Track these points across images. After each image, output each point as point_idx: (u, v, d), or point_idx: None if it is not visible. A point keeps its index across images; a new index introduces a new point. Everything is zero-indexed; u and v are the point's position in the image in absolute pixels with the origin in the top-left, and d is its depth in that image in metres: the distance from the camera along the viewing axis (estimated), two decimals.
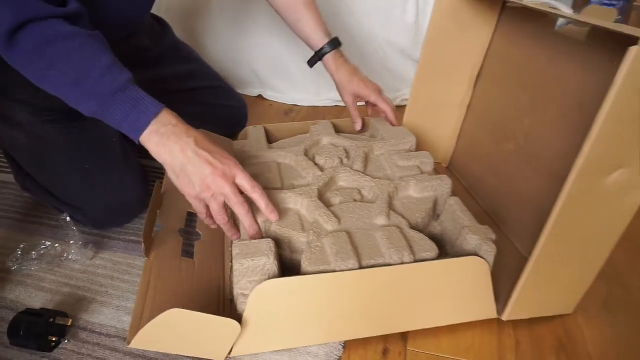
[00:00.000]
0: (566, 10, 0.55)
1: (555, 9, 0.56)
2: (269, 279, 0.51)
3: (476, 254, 0.54)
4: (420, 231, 0.58)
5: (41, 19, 0.49)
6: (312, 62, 0.81)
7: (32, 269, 0.63)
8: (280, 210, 0.57)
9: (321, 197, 0.62)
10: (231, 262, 0.54)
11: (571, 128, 0.59)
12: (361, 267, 0.51)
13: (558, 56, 0.62)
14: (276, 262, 0.52)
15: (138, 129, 0.50)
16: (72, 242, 0.65)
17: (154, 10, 0.96)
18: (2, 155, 0.79)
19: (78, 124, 0.68)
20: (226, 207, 0.53)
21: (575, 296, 0.59)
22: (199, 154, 0.50)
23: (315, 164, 0.69)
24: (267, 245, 0.53)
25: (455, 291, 0.55)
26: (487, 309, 0.57)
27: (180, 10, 1.19)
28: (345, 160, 0.70)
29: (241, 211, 0.51)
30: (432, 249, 0.54)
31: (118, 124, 0.51)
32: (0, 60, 0.51)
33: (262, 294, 0.49)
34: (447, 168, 0.92)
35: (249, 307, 0.50)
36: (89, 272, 0.63)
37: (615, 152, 0.45)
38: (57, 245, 0.65)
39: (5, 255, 0.64)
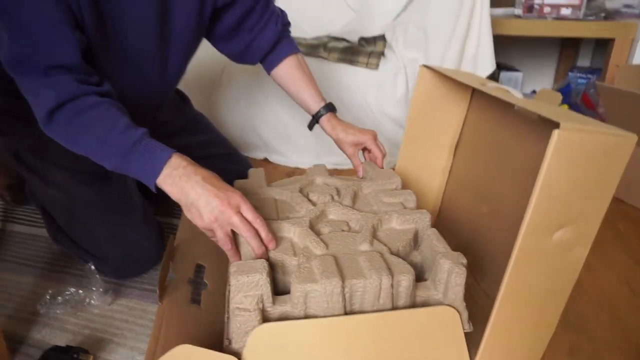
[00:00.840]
0: (516, 94, 0.67)
1: (509, 93, 0.68)
2: (261, 294, 0.56)
3: (448, 277, 0.59)
4: (402, 258, 0.62)
5: (79, 96, 0.60)
6: (310, 125, 0.91)
7: (58, 312, 0.71)
8: (277, 239, 0.64)
9: (312, 227, 0.68)
10: (228, 285, 0.60)
11: (529, 193, 0.69)
12: (343, 286, 0.55)
13: (517, 131, 0.73)
14: (269, 279, 0.57)
15: (154, 175, 0.59)
16: (93, 288, 0.73)
17: (182, 83, 1.11)
18: (37, 211, 0.89)
19: (106, 185, 0.78)
20: (231, 235, 0.60)
21: (540, 345, 0.65)
22: (206, 189, 0.57)
23: (309, 200, 0.75)
24: (261, 264, 0.58)
25: (427, 340, 0.60)
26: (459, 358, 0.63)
27: (196, 82, 1.34)
28: (336, 197, 0.76)
29: (249, 235, 0.57)
30: (409, 272, 0.58)
31: (137, 173, 0.60)
32: (41, 130, 0.62)
33: (259, 335, 0.56)
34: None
35: (248, 347, 0.56)
36: (107, 316, 0.71)
37: (555, 214, 0.54)
38: (80, 291, 0.73)
39: (35, 300, 0.72)
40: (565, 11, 1.37)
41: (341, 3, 1.63)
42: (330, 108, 0.88)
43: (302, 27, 1.60)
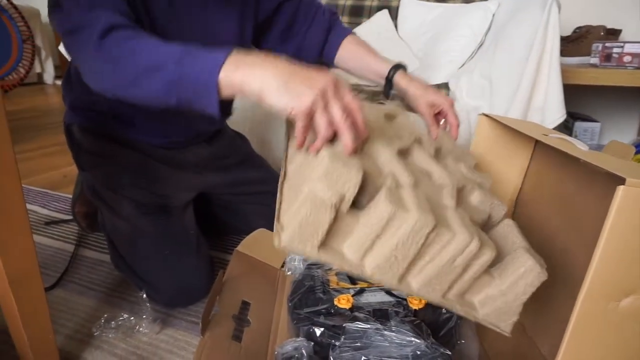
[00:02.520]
0: (580, 147, 0.63)
1: (572, 145, 0.64)
2: (345, 194, 0.46)
3: (524, 274, 0.52)
4: None
5: (125, 26, 0.57)
6: (386, 91, 0.87)
7: (110, 336, 0.74)
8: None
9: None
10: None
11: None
12: (434, 227, 0.46)
13: (583, 185, 0.68)
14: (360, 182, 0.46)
15: (215, 71, 0.49)
16: (144, 316, 0.76)
17: (239, 126, 1.17)
18: (104, 238, 0.96)
19: (165, 218, 0.83)
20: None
21: None
22: (296, 64, 0.49)
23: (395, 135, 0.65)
24: (359, 163, 0.47)
25: None
26: None
27: (262, 129, 1.41)
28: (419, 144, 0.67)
29: (346, 123, 0.49)
30: (493, 248, 0.50)
31: (195, 79, 0.51)
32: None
33: None
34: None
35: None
36: (153, 344, 0.73)
37: (620, 277, 0.49)
38: (132, 318, 0.77)
39: (91, 322, 0.77)
40: None
41: (407, 52, 1.65)
42: (399, 66, 0.85)
43: None
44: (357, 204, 0.48)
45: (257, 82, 0.49)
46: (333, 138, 0.51)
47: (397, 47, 1.67)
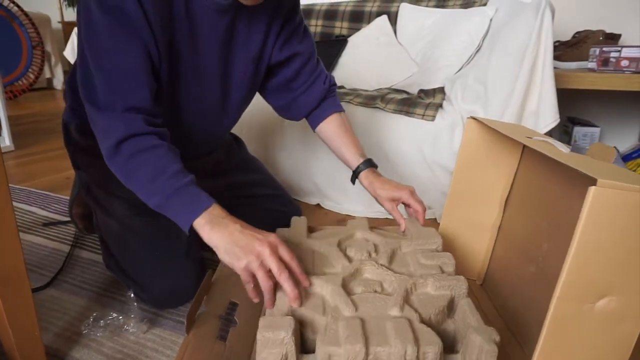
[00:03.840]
0: (562, 148, 0.63)
1: (553, 147, 0.64)
2: (286, 353, 0.57)
3: (479, 355, 0.56)
4: (433, 326, 0.60)
5: (141, 134, 0.68)
6: (352, 180, 0.93)
7: (98, 334, 0.75)
8: (311, 283, 0.65)
9: (345, 285, 0.68)
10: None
11: None
12: (367, 353, 0.55)
13: (565, 187, 0.68)
14: (294, 338, 0.57)
15: (191, 218, 0.64)
16: (132, 316, 0.77)
17: (237, 129, 1.19)
18: (97, 239, 0.97)
19: (157, 220, 0.84)
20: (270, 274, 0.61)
21: None
22: (245, 234, 0.62)
23: (346, 255, 0.75)
24: (289, 321, 0.59)
25: None
26: None
27: (258, 129, 1.43)
28: (373, 254, 0.75)
29: (284, 276, 0.59)
30: (436, 344, 0.56)
31: (175, 214, 0.66)
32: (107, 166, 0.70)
33: None
34: (481, 286, 0.94)
35: None
36: (140, 343, 0.74)
37: (594, 279, 0.49)
38: (120, 317, 0.78)
39: (81, 321, 0.78)
40: None
41: (405, 56, 1.66)
42: (369, 164, 0.90)
43: (366, 80, 1.66)
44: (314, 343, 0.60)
45: (214, 241, 0.63)
46: None
47: (395, 52, 1.68)
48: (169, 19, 0.70)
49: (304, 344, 0.64)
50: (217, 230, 0.63)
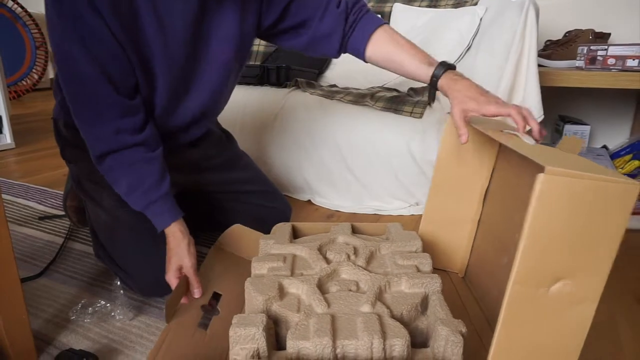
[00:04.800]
0: (527, 140, 0.65)
1: (519, 139, 0.66)
2: (257, 348, 0.60)
3: (445, 345, 0.58)
4: (406, 324, 0.63)
5: (118, 150, 0.76)
6: (430, 97, 0.86)
7: (86, 321, 0.78)
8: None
9: (321, 285, 0.72)
10: None
11: None
12: (334, 346, 0.58)
13: (534, 178, 0.70)
14: (265, 334, 0.61)
15: (159, 228, 0.80)
16: (119, 303, 0.80)
17: (230, 125, 1.21)
18: (89, 231, 1.00)
19: None
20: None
21: None
22: (180, 251, 0.79)
23: (325, 258, 0.79)
24: (260, 318, 0.63)
25: None
26: None
27: (251, 127, 1.45)
28: (352, 256, 0.79)
29: (193, 277, 0.79)
30: (403, 336, 0.58)
31: (151, 219, 0.80)
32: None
33: None
34: (463, 278, 0.96)
35: None
36: (125, 329, 0.77)
37: (547, 264, 0.51)
38: (108, 304, 0.81)
39: (69, 307, 0.81)
40: (631, 63, 1.29)
41: None
42: (444, 67, 0.79)
43: (358, 79, 1.68)
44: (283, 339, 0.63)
45: (169, 246, 0.79)
46: None
47: None
48: (132, 19, 0.71)
49: (279, 342, 0.67)
50: (172, 241, 0.80)
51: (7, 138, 2.04)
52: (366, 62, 0.91)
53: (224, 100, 0.98)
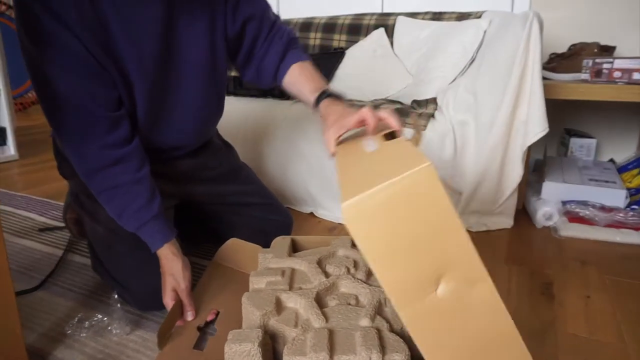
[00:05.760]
0: (369, 148, 0.64)
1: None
2: None
3: None
4: (405, 336, 0.61)
5: (105, 167, 0.76)
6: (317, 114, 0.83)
7: (82, 335, 0.77)
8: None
9: (320, 299, 0.70)
10: None
11: None
12: None
13: None
14: (260, 350, 0.60)
15: (152, 249, 0.80)
16: (116, 317, 0.78)
17: (231, 136, 1.21)
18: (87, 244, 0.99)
19: None
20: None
21: None
22: (174, 271, 0.79)
23: (324, 272, 0.78)
24: (256, 333, 0.61)
25: None
26: None
27: (252, 138, 1.45)
28: (352, 270, 0.78)
29: (186, 298, 0.79)
30: (402, 350, 0.58)
31: (144, 239, 0.81)
32: None
33: None
34: None
35: None
36: (122, 344, 0.75)
37: (412, 275, 0.49)
38: (105, 318, 0.79)
39: (66, 321, 0.79)
40: (637, 76, 1.28)
41: (400, 68, 1.68)
42: (326, 94, 0.80)
43: (362, 91, 1.68)
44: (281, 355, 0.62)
45: (163, 269, 0.80)
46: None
47: (391, 64, 1.70)
48: (101, 29, 0.71)
49: (277, 358, 0.65)
50: (164, 261, 0.80)
51: (11, 150, 2.05)
52: (281, 86, 0.95)
53: (211, 114, 0.98)
